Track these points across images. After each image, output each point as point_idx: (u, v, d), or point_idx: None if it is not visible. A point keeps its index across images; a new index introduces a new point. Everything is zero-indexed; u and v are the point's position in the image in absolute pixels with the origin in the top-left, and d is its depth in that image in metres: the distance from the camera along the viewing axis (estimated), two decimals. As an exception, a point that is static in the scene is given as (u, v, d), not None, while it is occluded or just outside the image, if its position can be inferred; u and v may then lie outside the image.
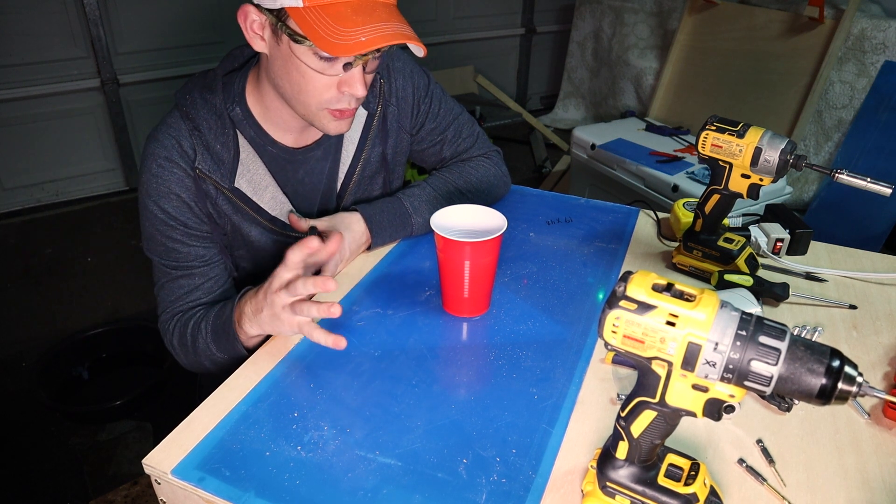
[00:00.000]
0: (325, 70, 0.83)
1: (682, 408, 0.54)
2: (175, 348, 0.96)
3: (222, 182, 0.93)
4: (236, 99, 0.94)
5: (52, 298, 2.39)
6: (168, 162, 0.90)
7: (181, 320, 0.94)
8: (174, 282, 0.95)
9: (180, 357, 0.96)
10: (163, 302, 0.97)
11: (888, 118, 2.47)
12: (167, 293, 0.96)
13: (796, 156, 0.86)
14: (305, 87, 0.85)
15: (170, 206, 0.91)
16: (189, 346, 0.92)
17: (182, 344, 0.94)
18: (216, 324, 0.89)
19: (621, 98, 3.63)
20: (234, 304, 0.86)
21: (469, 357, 0.84)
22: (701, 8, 3.03)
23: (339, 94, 0.86)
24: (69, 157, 2.98)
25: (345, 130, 0.93)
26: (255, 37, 0.86)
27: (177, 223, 0.92)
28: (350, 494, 0.63)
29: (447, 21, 3.89)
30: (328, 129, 0.91)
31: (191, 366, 0.97)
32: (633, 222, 1.17)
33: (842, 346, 0.85)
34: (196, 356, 0.93)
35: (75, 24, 2.76)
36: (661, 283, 0.52)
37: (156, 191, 0.90)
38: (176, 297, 0.95)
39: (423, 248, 1.08)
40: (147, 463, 0.67)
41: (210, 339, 0.89)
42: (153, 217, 0.91)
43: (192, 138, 0.91)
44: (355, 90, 0.85)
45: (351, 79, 0.85)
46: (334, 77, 0.85)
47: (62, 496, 1.65)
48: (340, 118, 0.90)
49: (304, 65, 0.83)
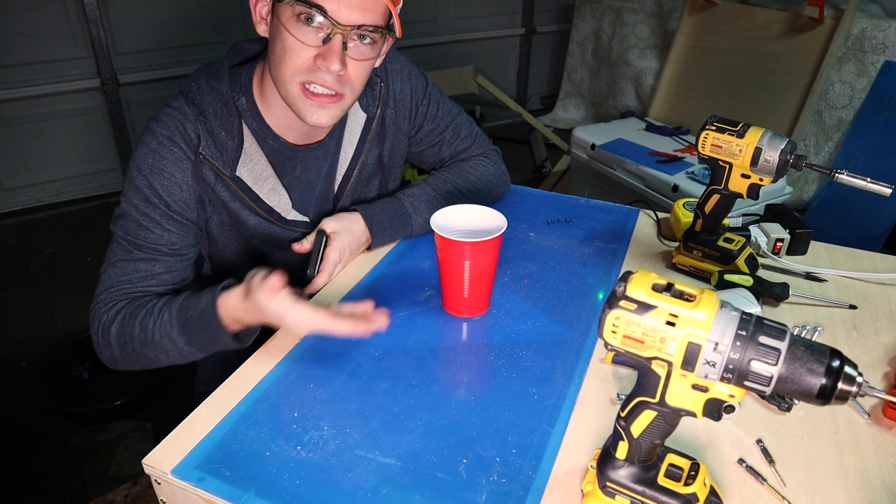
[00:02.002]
0: (306, 39, 0.83)
1: (682, 408, 0.54)
2: (110, 336, 0.86)
3: (224, 169, 0.92)
4: (242, 89, 0.94)
5: (52, 298, 2.39)
6: (168, 141, 0.89)
7: (127, 308, 0.86)
8: (132, 263, 0.88)
9: (111, 348, 0.87)
10: (108, 280, 0.88)
11: (888, 118, 2.47)
12: (118, 272, 0.88)
13: (796, 156, 0.86)
14: (283, 58, 0.85)
15: (159, 183, 0.88)
16: (131, 336, 0.84)
17: (122, 334, 0.85)
18: (188, 316, 0.82)
19: (621, 98, 3.63)
20: (214, 292, 0.80)
21: (469, 357, 0.84)
22: (701, 8, 3.03)
23: (314, 66, 0.85)
24: (69, 157, 2.98)
25: (324, 122, 0.89)
26: (260, 21, 0.89)
27: (160, 202, 0.88)
28: (350, 494, 0.63)
29: (447, 21, 3.89)
30: (304, 112, 0.88)
31: (120, 360, 0.88)
32: (633, 222, 1.17)
33: (842, 346, 0.85)
34: (141, 348, 0.84)
35: (75, 24, 2.76)
36: (661, 283, 0.52)
37: (149, 166, 0.88)
38: (127, 280, 0.88)
39: (423, 248, 1.08)
40: (147, 463, 0.67)
41: (176, 332, 0.82)
42: (136, 191, 0.88)
43: (197, 123, 0.90)
44: (330, 62, 0.83)
45: (328, 51, 0.83)
46: (312, 48, 0.84)
47: (62, 496, 1.64)
48: (315, 103, 0.87)
49: (286, 31, 0.83)
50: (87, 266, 2.58)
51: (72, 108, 2.90)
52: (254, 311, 0.77)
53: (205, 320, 0.80)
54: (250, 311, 0.77)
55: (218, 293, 0.80)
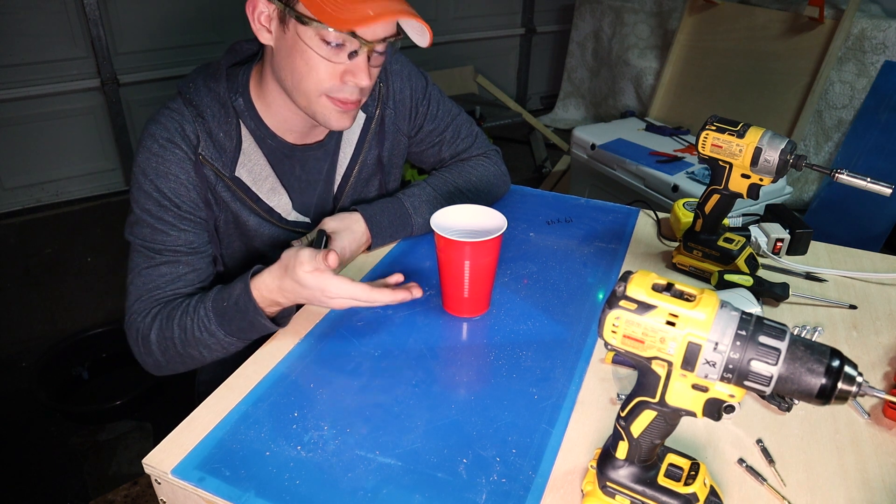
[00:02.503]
0: (331, 56, 0.83)
1: (682, 408, 0.54)
2: (151, 343, 0.87)
3: (223, 170, 0.92)
4: (240, 90, 0.94)
5: (52, 298, 2.39)
6: (169, 143, 0.89)
7: (162, 313, 0.87)
8: (155, 269, 0.89)
9: (154, 355, 0.88)
10: (137, 290, 0.89)
11: (888, 118, 2.47)
12: (144, 281, 0.89)
13: (796, 156, 0.86)
14: (308, 75, 0.85)
15: (166, 186, 0.88)
16: (171, 339, 0.85)
17: (162, 338, 0.86)
18: (223, 306, 0.83)
19: (621, 98, 3.63)
20: (246, 280, 0.81)
21: (469, 357, 0.84)
22: (701, 8, 3.03)
23: (342, 83, 0.86)
24: (69, 157, 2.98)
25: (347, 126, 0.92)
26: (261, 29, 0.86)
27: (170, 204, 0.89)
28: (350, 494, 0.63)
29: (447, 21, 3.89)
30: (329, 120, 0.89)
31: (165, 364, 0.89)
32: (633, 222, 1.17)
33: (842, 346, 0.85)
34: (186, 348, 0.85)
35: (75, 24, 2.76)
36: (661, 283, 0.52)
37: (154, 170, 0.88)
38: (155, 286, 0.89)
39: (423, 248, 1.08)
40: (147, 463, 0.67)
41: (215, 324, 0.83)
42: (146, 197, 0.88)
43: (196, 124, 0.90)
44: (360, 79, 0.85)
45: (355, 67, 0.84)
46: (339, 65, 0.84)
47: (62, 496, 1.64)
48: (343, 109, 0.88)
49: (310, 50, 0.83)
50: (87, 266, 2.58)
51: (72, 108, 2.90)
52: (290, 291, 0.79)
53: (241, 308, 0.81)
54: (287, 290, 0.80)
55: (250, 279, 0.82)
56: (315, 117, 0.90)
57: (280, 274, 0.80)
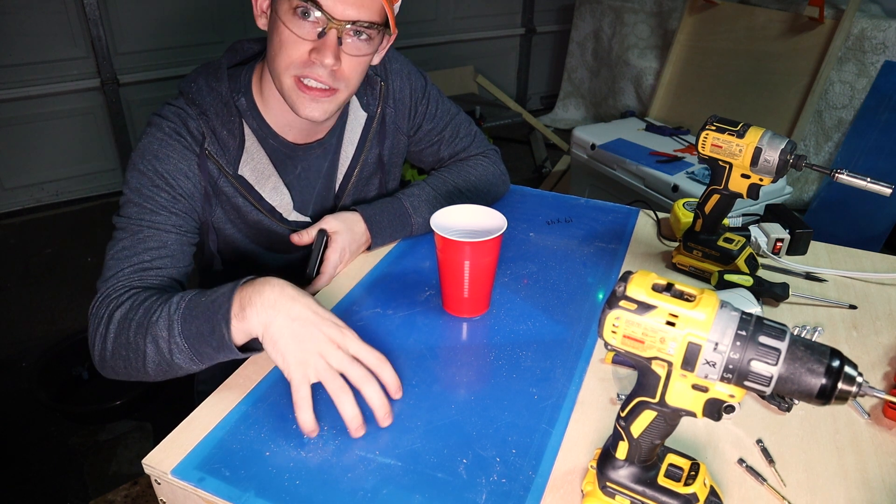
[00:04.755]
0: (300, 31, 0.83)
1: (682, 408, 0.54)
2: (111, 322, 0.77)
3: (227, 167, 0.93)
4: (242, 89, 0.94)
5: (52, 298, 2.39)
6: (175, 133, 0.89)
7: (139, 296, 0.78)
8: (141, 241, 0.83)
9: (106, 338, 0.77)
10: (116, 264, 0.82)
11: (888, 118, 2.47)
12: (127, 250, 0.82)
13: (796, 156, 0.86)
14: (280, 52, 0.86)
15: (164, 168, 0.87)
16: (132, 320, 0.75)
17: (125, 318, 0.76)
18: (199, 299, 0.74)
19: (621, 98, 3.63)
20: (237, 284, 0.73)
21: (469, 357, 0.84)
22: (701, 8, 3.03)
23: (309, 60, 0.85)
24: (69, 157, 2.98)
25: (316, 117, 0.89)
26: (261, 15, 0.90)
27: (165, 184, 0.87)
28: (350, 494, 0.63)
29: (447, 21, 3.89)
30: (297, 106, 0.88)
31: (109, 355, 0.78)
32: (633, 222, 1.17)
33: (842, 346, 0.85)
34: (135, 334, 0.75)
35: (75, 24, 2.76)
36: (661, 283, 0.52)
37: (154, 152, 0.87)
38: (138, 260, 0.82)
39: (423, 248, 1.08)
40: (147, 463, 0.67)
41: (179, 313, 0.73)
42: (140, 177, 0.86)
43: (200, 121, 0.91)
44: (324, 56, 0.84)
45: (322, 45, 0.84)
46: (306, 42, 0.84)
47: (62, 496, 1.65)
48: (309, 96, 0.87)
49: (283, 24, 0.84)
50: (87, 266, 2.58)
51: (72, 108, 2.90)
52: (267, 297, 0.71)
53: (214, 307, 0.72)
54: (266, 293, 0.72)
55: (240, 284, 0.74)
56: (287, 101, 0.89)
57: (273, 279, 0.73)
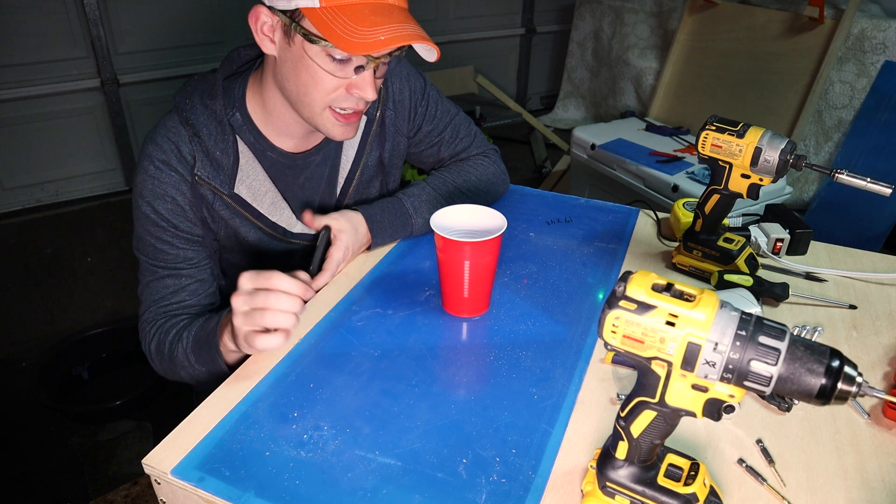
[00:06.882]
0: (337, 72, 0.83)
1: (682, 408, 0.54)
2: (151, 353, 0.94)
3: (221, 188, 0.93)
4: (236, 104, 0.94)
5: (52, 298, 2.39)
6: (165, 165, 0.90)
7: (163, 327, 0.92)
8: (160, 280, 0.94)
9: (155, 363, 0.94)
10: (146, 301, 0.95)
11: (888, 118, 2.47)
12: (152, 291, 0.94)
13: (796, 156, 0.86)
14: (314, 88, 0.85)
15: (163, 207, 0.91)
16: (165, 354, 0.90)
17: (159, 351, 0.91)
18: (199, 335, 0.86)
19: (621, 98, 3.63)
20: (221, 315, 0.84)
21: (469, 357, 0.84)
22: (701, 8, 3.03)
23: (347, 95, 0.86)
24: (69, 157, 2.98)
25: (350, 136, 0.93)
26: (264, 39, 0.85)
27: (168, 224, 0.91)
28: (350, 494, 0.63)
29: (447, 21, 3.89)
30: (332, 133, 0.90)
31: (165, 373, 0.95)
32: (633, 222, 1.17)
33: (842, 346, 0.85)
34: (172, 365, 0.91)
35: (75, 24, 2.76)
36: (661, 283, 0.52)
37: (150, 192, 0.90)
38: (161, 297, 0.94)
39: (423, 248, 1.08)
40: (147, 463, 0.67)
41: (190, 350, 0.87)
42: (144, 217, 0.91)
43: (192, 144, 0.91)
44: (366, 93, 0.85)
45: (362, 82, 0.85)
46: (344, 80, 0.85)
47: (62, 496, 1.65)
48: (345, 122, 0.89)
49: (316, 65, 0.83)
50: (87, 266, 2.58)
51: (72, 108, 2.90)
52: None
53: (209, 339, 0.84)
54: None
55: (224, 314, 0.83)
56: (318, 129, 0.91)
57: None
